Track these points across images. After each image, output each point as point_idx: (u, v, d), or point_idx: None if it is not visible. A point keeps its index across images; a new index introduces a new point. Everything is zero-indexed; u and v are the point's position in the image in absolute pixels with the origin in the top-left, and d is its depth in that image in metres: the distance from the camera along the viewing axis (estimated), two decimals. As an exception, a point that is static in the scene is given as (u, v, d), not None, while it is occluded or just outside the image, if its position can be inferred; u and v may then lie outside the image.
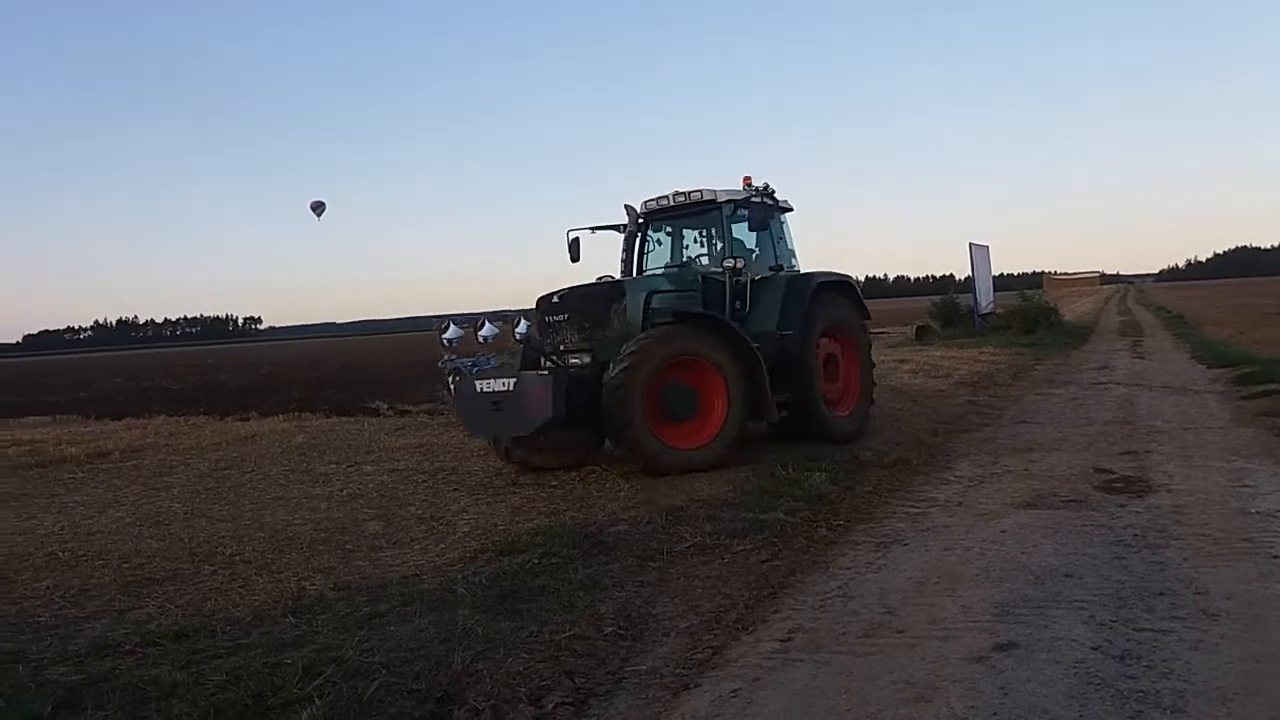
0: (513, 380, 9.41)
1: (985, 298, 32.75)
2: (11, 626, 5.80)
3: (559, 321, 10.35)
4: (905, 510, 7.74)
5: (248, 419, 17.47)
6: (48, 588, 6.68)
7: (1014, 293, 34.15)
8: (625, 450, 9.38)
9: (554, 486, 9.17)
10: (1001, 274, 61.52)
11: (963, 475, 9.05)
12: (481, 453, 11.67)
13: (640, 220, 11.72)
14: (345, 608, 5.74)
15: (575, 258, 11.65)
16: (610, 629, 5.17)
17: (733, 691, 4.37)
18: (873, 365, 11.94)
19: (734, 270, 10.67)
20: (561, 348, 10.27)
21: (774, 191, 11.40)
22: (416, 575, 6.42)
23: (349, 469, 11.22)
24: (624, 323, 9.92)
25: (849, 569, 6.19)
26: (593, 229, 11.88)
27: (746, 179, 11.36)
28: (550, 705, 4.30)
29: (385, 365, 37.09)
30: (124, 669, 4.87)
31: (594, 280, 11.04)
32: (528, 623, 5.26)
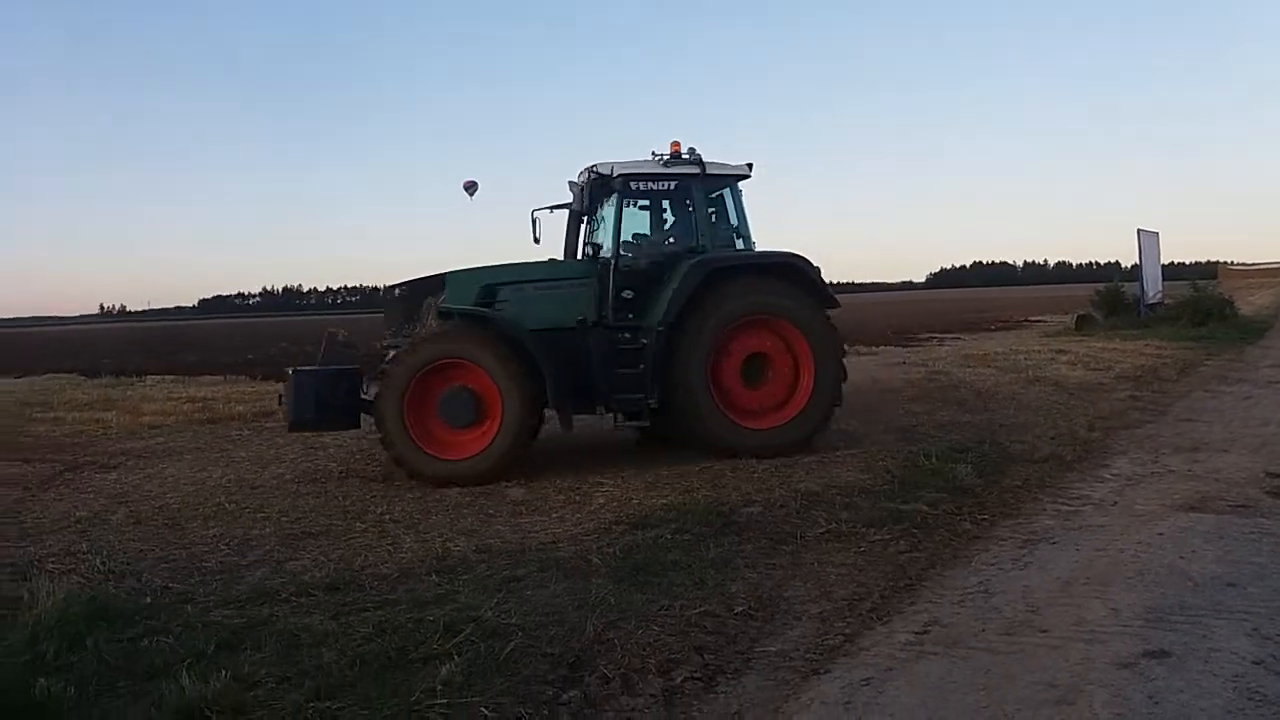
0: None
1: (1153, 287, 30.89)
2: (182, 570, 6.26)
3: (394, 315, 10.13)
4: (1055, 507, 7.41)
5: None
6: (214, 536, 7.18)
7: (1185, 283, 32.06)
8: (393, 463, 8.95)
9: (688, 464, 9.20)
10: (1172, 263, 57.76)
11: (1120, 473, 8.59)
12: (621, 427, 11.81)
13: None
14: (485, 570, 5.95)
15: (537, 238, 10.60)
16: (740, 608, 5.17)
17: (864, 680, 4.30)
18: (838, 364, 9.78)
19: (596, 255, 9.84)
20: (384, 344, 10.08)
21: (699, 158, 9.91)
22: (554, 543, 6.58)
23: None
24: (433, 319, 9.47)
25: (992, 565, 5.98)
26: (551, 208, 10.77)
27: (674, 144, 9.99)
28: (679, 679, 4.33)
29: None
30: (280, 615, 5.19)
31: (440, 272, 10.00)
32: (659, 596, 5.32)
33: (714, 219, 10.22)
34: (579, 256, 10.72)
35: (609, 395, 9.42)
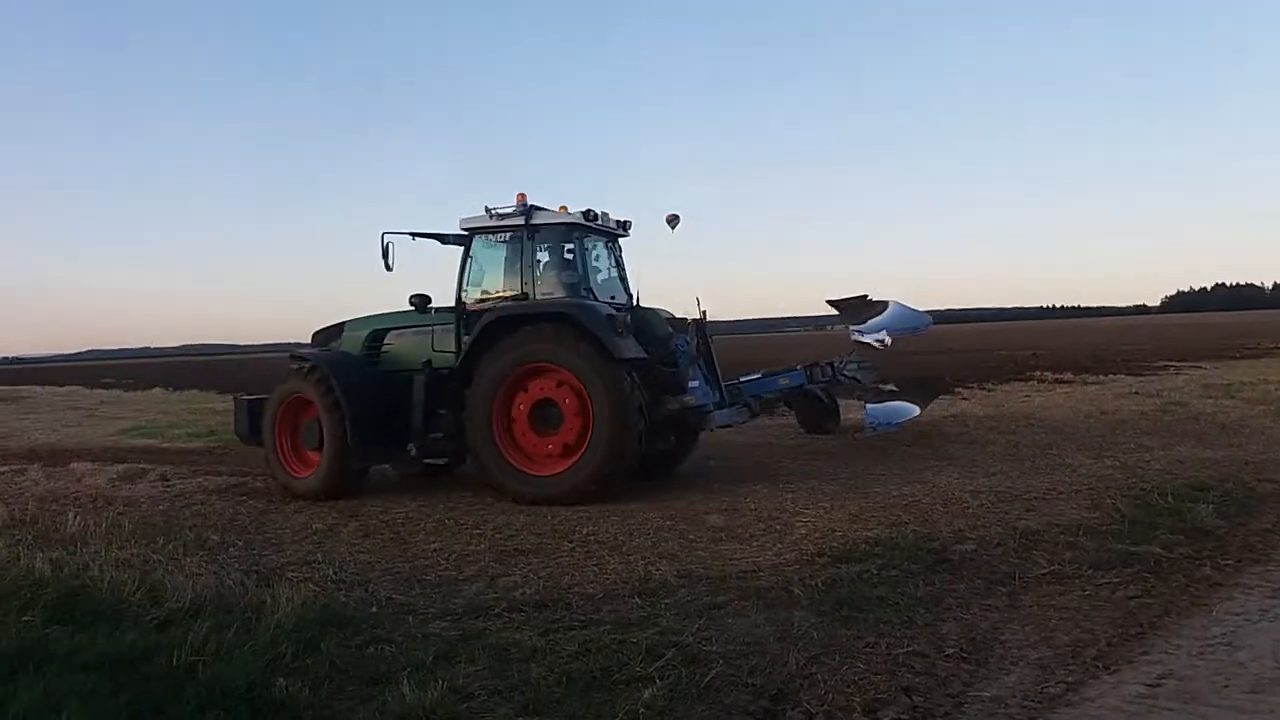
0: None
1: None
2: (405, 582, 6.66)
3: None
4: (1313, 556, 6.66)
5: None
6: (435, 550, 7.60)
7: None
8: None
9: (895, 497, 8.92)
10: None
11: (1393, 521, 7.62)
12: (826, 455, 11.63)
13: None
14: (687, 595, 5.98)
15: (388, 265, 10.50)
16: (952, 650, 4.94)
17: (1089, 735, 4.00)
18: (616, 414, 9.29)
19: (421, 307, 10.59)
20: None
21: (527, 210, 10.33)
22: (755, 572, 6.53)
23: (690, 462, 11.62)
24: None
25: (1237, 614, 5.43)
26: (413, 235, 10.84)
27: (519, 196, 10.48)
28: (885, 719, 4.18)
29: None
30: (493, 630, 5.42)
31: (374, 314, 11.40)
32: (864, 632, 5.16)
33: (560, 268, 10.56)
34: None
35: (421, 434, 10.19)
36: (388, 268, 10.53)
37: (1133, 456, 10.83)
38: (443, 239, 11.03)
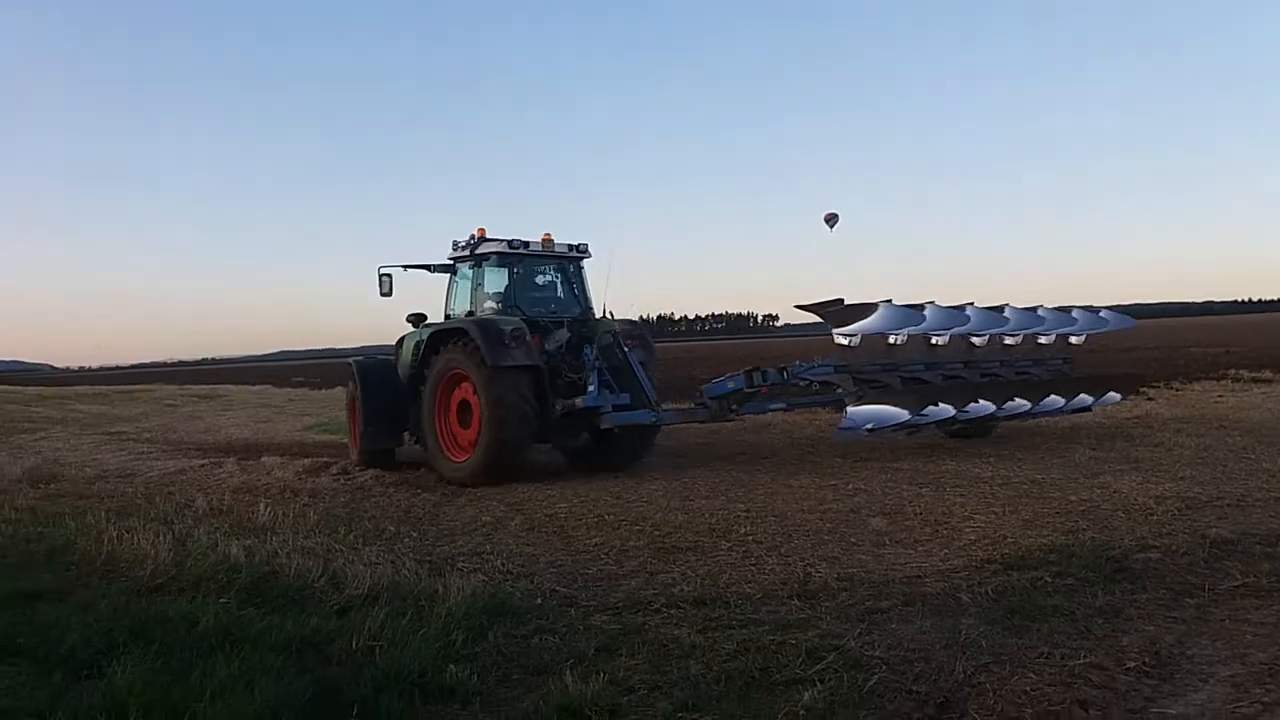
0: None
1: None
2: (567, 575, 6.82)
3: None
4: None
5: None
6: (596, 544, 7.75)
7: None
8: None
9: (1073, 502, 8.49)
10: None
11: None
12: (996, 460, 11.20)
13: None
14: (848, 598, 5.87)
15: (384, 293, 13.12)
16: (1133, 663, 4.65)
17: (1291, 762, 3.69)
18: (493, 414, 11.14)
19: (417, 323, 13.31)
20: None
21: (476, 245, 12.73)
22: (919, 577, 6.35)
23: (854, 464, 11.42)
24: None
25: None
26: (405, 267, 13.35)
27: (480, 230, 12.79)
28: (1059, 734, 3.98)
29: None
30: (652, 625, 5.48)
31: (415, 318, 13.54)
32: (1036, 642, 4.93)
33: (496, 289, 12.74)
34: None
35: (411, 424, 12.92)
36: (384, 294, 13.14)
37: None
38: (430, 268, 13.57)
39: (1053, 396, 12.40)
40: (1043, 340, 13.40)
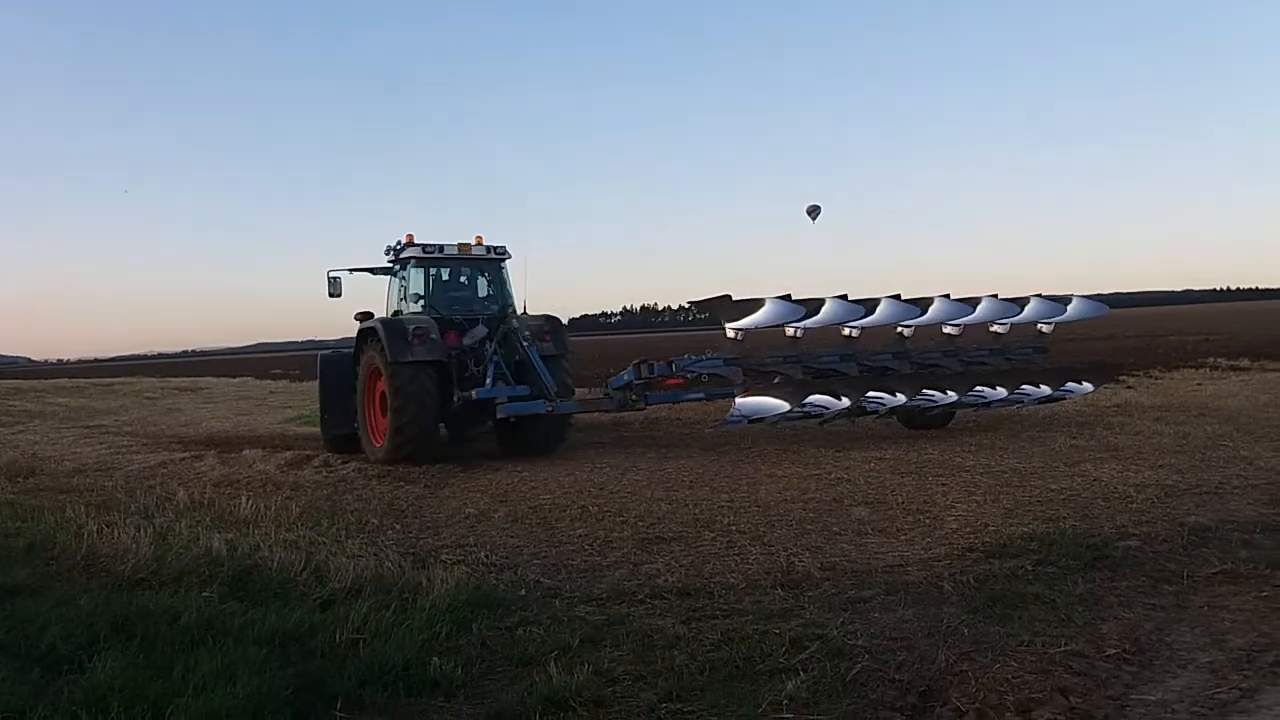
0: None
1: None
2: (551, 566, 6.82)
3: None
4: None
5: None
6: (580, 536, 7.75)
7: None
8: None
9: (1053, 491, 8.55)
10: None
11: None
12: (977, 449, 11.27)
13: None
14: (831, 588, 5.90)
15: (334, 293, 14.40)
16: (1113, 650, 4.69)
17: (1268, 746, 3.74)
18: (395, 404, 12.37)
19: (364, 319, 13.85)
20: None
21: (400, 250, 14.07)
22: (901, 565, 6.39)
23: (836, 454, 11.47)
24: None
25: None
26: (351, 270, 14.71)
27: (408, 235, 14.04)
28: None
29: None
30: (636, 616, 5.49)
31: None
32: (1018, 630, 4.97)
33: (413, 289, 13.93)
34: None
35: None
36: (333, 295, 14.35)
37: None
38: (373, 271, 14.76)
39: (998, 389, 12.41)
40: (998, 329, 13.35)
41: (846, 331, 12.42)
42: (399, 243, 14.10)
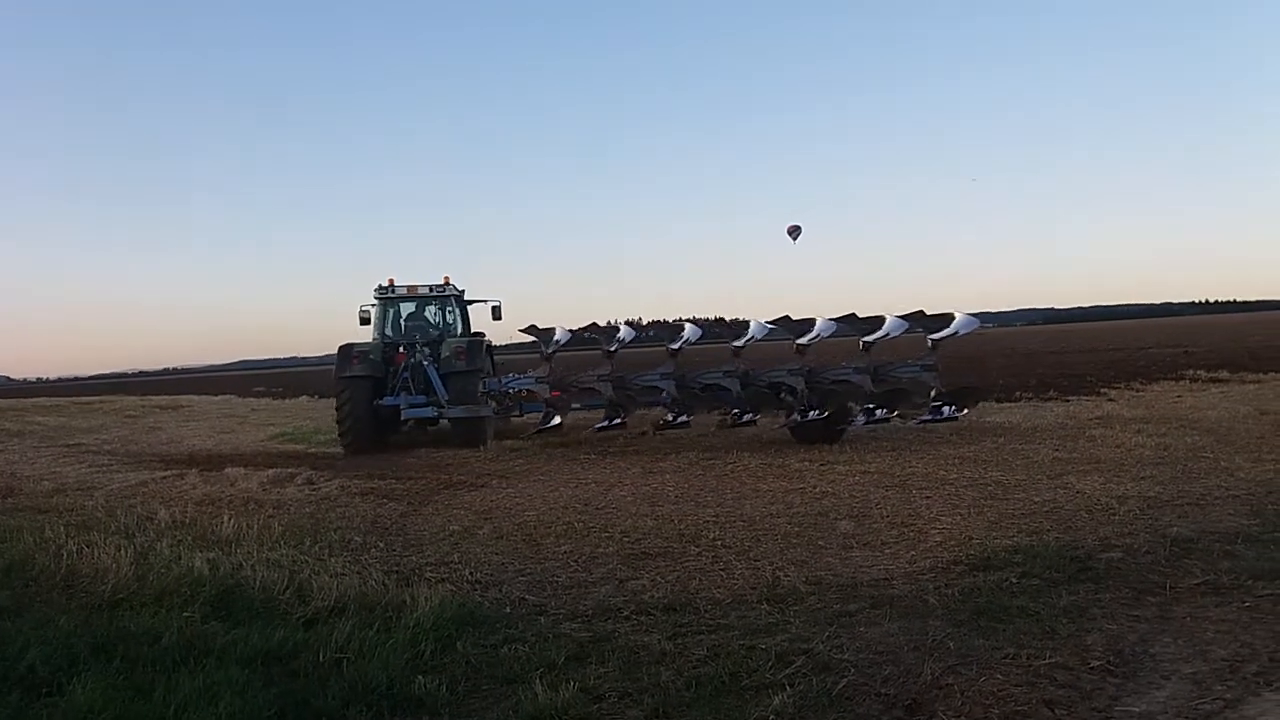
0: None
1: None
2: (537, 583, 6.79)
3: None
4: None
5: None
6: (565, 552, 7.73)
7: None
8: None
9: (1037, 503, 8.59)
10: None
11: None
12: (961, 461, 11.31)
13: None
14: (816, 602, 5.90)
15: (365, 322, 18.68)
16: (1098, 662, 4.72)
17: (1251, 756, 3.75)
18: (336, 409, 16.95)
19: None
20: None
21: (377, 290, 18.60)
22: (887, 579, 6.40)
23: (821, 467, 11.49)
24: None
25: None
26: (366, 308, 18.96)
27: (389, 280, 18.64)
28: (1026, 734, 4.02)
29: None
30: (622, 632, 5.48)
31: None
32: (1003, 643, 4.98)
33: (376, 321, 18.63)
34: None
35: None
36: (363, 324, 18.79)
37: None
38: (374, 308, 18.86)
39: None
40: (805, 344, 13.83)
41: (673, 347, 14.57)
42: (380, 285, 18.63)
